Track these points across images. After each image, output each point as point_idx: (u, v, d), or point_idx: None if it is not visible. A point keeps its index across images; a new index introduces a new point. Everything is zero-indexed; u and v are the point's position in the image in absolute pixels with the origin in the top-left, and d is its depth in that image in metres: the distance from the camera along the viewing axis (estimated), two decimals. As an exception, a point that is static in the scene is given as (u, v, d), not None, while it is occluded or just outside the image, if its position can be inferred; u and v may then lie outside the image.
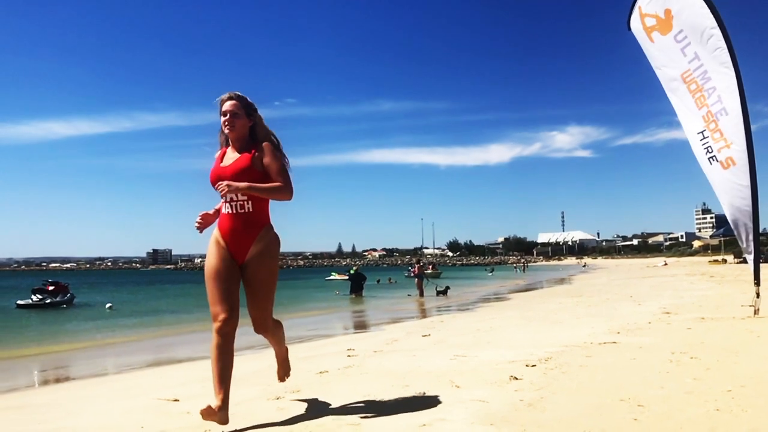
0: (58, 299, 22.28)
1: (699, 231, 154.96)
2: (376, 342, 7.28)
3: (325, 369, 4.99)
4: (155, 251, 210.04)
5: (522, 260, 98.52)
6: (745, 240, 7.18)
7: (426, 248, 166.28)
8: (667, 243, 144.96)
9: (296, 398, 3.81)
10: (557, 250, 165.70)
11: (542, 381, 3.87)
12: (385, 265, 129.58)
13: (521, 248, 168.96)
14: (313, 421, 3.14)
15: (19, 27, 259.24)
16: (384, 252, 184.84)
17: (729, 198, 7.18)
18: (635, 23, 8.16)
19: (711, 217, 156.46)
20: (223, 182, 3.04)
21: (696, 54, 7.27)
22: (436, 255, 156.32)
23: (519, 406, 3.21)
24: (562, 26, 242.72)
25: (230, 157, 3.23)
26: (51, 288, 22.71)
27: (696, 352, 4.64)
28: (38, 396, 5.30)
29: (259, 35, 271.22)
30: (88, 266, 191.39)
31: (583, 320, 8.19)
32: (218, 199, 3.23)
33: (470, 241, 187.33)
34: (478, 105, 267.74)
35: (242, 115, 3.22)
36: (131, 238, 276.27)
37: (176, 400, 4.02)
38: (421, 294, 20.77)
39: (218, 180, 3.11)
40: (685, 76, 7.48)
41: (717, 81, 7.07)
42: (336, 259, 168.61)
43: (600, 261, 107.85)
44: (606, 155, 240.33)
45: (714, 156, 7.24)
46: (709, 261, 51.47)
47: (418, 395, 3.67)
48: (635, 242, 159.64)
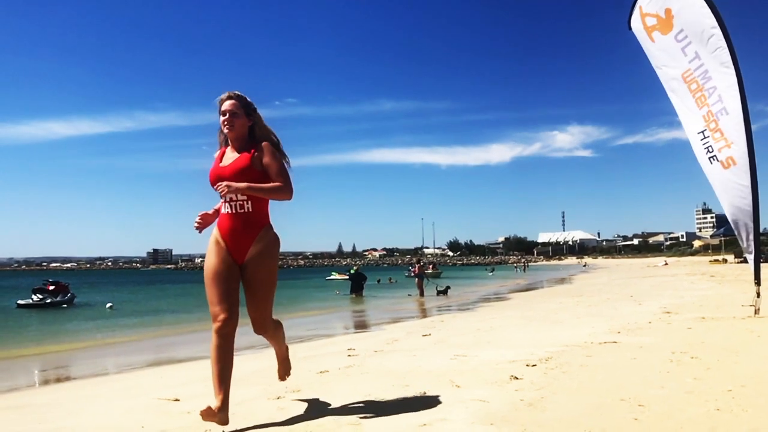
0: (59, 299, 22.28)
1: (699, 231, 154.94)
2: (377, 342, 7.28)
3: (326, 369, 4.99)
4: (155, 251, 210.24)
5: (522, 260, 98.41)
6: (746, 240, 7.18)
7: (426, 248, 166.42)
8: (668, 243, 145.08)
9: (297, 398, 3.81)
10: (558, 250, 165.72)
11: (543, 381, 3.87)
12: (386, 265, 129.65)
13: (522, 248, 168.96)
14: (314, 421, 3.14)
15: (19, 27, 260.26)
16: (384, 252, 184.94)
17: (729, 198, 7.18)
18: (636, 23, 8.16)
19: (711, 217, 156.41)
20: (223, 183, 3.03)
21: (696, 53, 7.27)
22: (437, 255, 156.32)
23: (519, 406, 3.21)
24: (562, 26, 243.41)
25: (229, 157, 3.22)
26: (51, 288, 22.69)
27: (696, 352, 4.64)
28: (39, 396, 5.29)
29: (259, 35, 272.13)
30: (89, 266, 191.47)
31: (584, 320, 8.19)
32: (218, 199, 3.22)
33: (471, 241, 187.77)
34: (479, 105, 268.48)
35: (241, 115, 3.21)
36: (131, 238, 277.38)
37: (177, 400, 4.02)
38: (422, 294, 20.75)
39: (217, 180, 3.10)
40: (686, 76, 7.49)
41: (717, 80, 7.07)
42: (336, 259, 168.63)
43: (600, 261, 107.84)
44: (606, 155, 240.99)
45: (714, 156, 7.24)
46: (710, 261, 51.43)
47: (419, 395, 3.67)
48: (636, 242, 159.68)
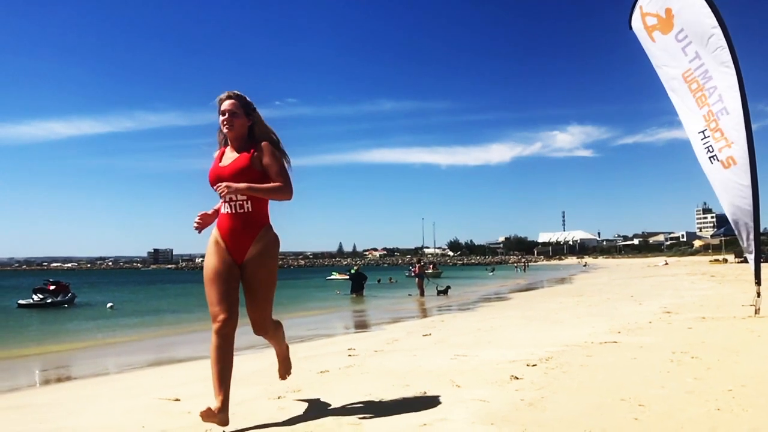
0: (59, 299, 22.27)
1: (700, 230, 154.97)
2: (377, 341, 7.28)
3: (326, 368, 4.99)
4: (156, 251, 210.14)
5: (523, 260, 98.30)
6: (746, 239, 7.19)
7: (427, 248, 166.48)
8: (668, 242, 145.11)
9: (297, 398, 3.81)
10: (558, 250, 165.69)
11: (543, 380, 3.87)
12: (386, 265, 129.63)
13: (522, 248, 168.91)
14: (314, 421, 3.14)
15: (19, 27, 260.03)
16: (385, 252, 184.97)
17: (730, 197, 7.18)
18: (636, 22, 8.16)
19: (712, 217, 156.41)
20: (223, 183, 3.02)
21: (697, 53, 7.26)
22: (437, 255, 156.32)
23: (520, 406, 3.21)
24: (562, 26, 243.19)
25: (229, 157, 3.21)
26: (52, 287, 22.68)
27: (697, 352, 4.64)
28: (39, 396, 5.29)
29: (259, 35, 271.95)
30: (89, 266, 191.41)
31: (584, 320, 8.19)
32: (217, 199, 3.22)
33: (471, 241, 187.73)
34: (479, 105, 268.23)
35: (241, 115, 3.20)
36: (132, 238, 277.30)
37: (177, 400, 4.02)
38: (422, 293, 20.74)
39: (217, 180, 3.10)
40: (686, 76, 7.48)
41: (718, 80, 7.07)
42: (337, 259, 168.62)
43: (601, 260, 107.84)
44: (607, 155, 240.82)
45: (715, 155, 7.24)
46: (710, 260, 51.47)
47: (419, 395, 3.67)
48: (636, 242, 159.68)
